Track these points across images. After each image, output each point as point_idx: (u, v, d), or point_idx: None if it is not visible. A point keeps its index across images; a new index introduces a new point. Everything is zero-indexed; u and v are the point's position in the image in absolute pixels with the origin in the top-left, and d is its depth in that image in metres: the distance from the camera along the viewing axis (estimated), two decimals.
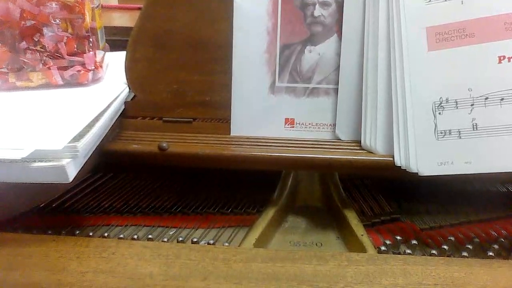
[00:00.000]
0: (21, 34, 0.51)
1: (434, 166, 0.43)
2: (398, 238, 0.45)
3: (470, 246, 0.44)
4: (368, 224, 0.48)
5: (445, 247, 0.44)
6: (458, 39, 0.43)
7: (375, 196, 0.54)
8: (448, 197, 0.53)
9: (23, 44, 0.51)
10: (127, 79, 0.50)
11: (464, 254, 0.42)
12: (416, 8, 0.44)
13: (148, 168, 0.57)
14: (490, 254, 0.42)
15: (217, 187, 0.55)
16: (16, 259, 0.38)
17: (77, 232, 0.46)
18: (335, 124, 0.48)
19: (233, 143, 0.48)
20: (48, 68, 0.52)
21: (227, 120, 0.49)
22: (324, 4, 0.47)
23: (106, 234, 0.46)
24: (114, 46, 0.64)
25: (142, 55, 0.49)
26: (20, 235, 0.43)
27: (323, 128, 0.49)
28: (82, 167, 0.40)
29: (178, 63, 0.49)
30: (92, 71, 0.54)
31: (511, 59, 0.42)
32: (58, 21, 0.52)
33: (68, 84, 0.54)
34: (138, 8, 1.00)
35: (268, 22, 0.48)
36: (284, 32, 0.48)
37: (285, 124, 0.49)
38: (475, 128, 0.43)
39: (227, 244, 0.45)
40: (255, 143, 0.47)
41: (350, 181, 0.56)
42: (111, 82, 0.55)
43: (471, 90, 0.43)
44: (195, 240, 0.45)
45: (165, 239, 0.46)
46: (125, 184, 0.56)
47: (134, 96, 0.51)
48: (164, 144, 0.46)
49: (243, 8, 0.48)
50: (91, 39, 0.54)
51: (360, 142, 0.47)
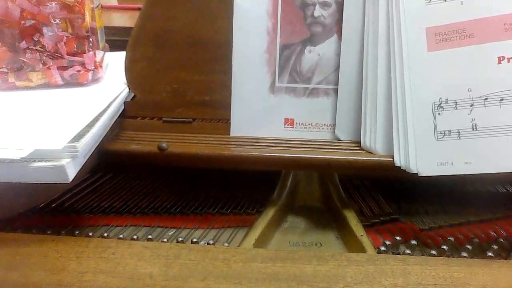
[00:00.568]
0: (21, 33, 0.51)
1: (434, 166, 0.43)
2: (398, 238, 0.45)
3: (469, 247, 0.44)
4: (368, 224, 0.48)
5: (444, 247, 0.44)
6: (458, 39, 0.43)
7: (375, 197, 0.54)
8: (448, 197, 0.53)
9: (23, 44, 0.51)
10: (127, 79, 0.50)
11: (464, 254, 0.42)
12: (416, 9, 0.44)
13: (148, 168, 0.57)
14: (490, 254, 0.42)
15: (216, 187, 0.55)
16: (16, 259, 0.38)
17: (76, 232, 0.46)
18: (334, 125, 0.48)
19: (232, 143, 0.48)
20: (48, 68, 0.52)
21: (227, 120, 0.49)
22: (324, 5, 0.48)
23: (105, 234, 0.46)
24: (114, 46, 0.64)
25: (142, 55, 0.49)
26: (19, 235, 0.43)
27: (322, 128, 0.49)
28: (82, 167, 0.40)
29: (178, 63, 0.49)
30: (92, 71, 0.54)
31: (511, 60, 0.42)
32: (58, 21, 0.52)
33: (67, 84, 0.54)
34: (138, 8, 0.99)
35: (268, 22, 0.48)
36: (284, 32, 0.48)
37: (284, 124, 0.49)
38: (474, 129, 0.43)
39: (226, 244, 0.45)
40: (254, 143, 0.47)
41: (349, 181, 0.56)
42: (110, 82, 0.55)
43: (471, 91, 0.43)
44: (194, 240, 0.45)
45: (164, 240, 0.45)
46: (124, 184, 0.56)
47: (134, 96, 0.51)
48: (163, 144, 0.46)
49: (243, 8, 0.48)
50: (91, 39, 0.54)
51: (359, 143, 0.47)
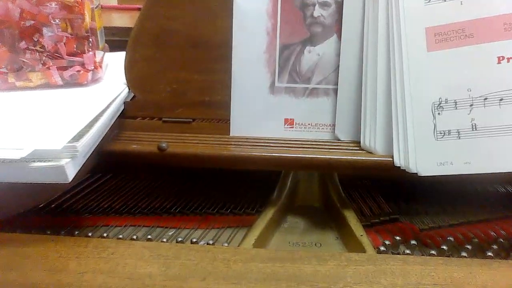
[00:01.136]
0: (20, 34, 0.51)
1: (434, 166, 0.43)
2: (397, 238, 0.45)
3: (469, 247, 0.44)
4: (367, 224, 0.48)
5: (444, 247, 0.44)
6: (457, 39, 0.43)
7: (374, 197, 0.54)
8: (447, 197, 0.53)
9: (23, 44, 0.51)
10: (126, 79, 0.50)
11: (463, 254, 0.42)
12: (416, 9, 0.44)
13: (148, 169, 0.57)
14: (489, 254, 0.42)
15: (216, 188, 0.55)
16: (15, 259, 0.37)
17: (76, 232, 0.46)
18: (334, 125, 0.48)
19: (232, 143, 0.48)
20: (48, 68, 0.52)
21: (226, 120, 0.49)
22: (324, 5, 0.48)
23: (105, 235, 0.46)
24: (114, 46, 0.64)
25: (142, 55, 0.49)
26: (19, 235, 0.43)
27: (322, 128, 0.49)
28: (82, 167, 0.40)
29: (178, 63, 0.49)
30: (91, 71, 0.54)
31: (510, 60, 0.42)
32: (57, 21, 0.52)
33: (67, 84, 0.54)
34: (138, 9, 1.00)
35: (267, 22, 0.48)
36: (283, 32, 0.48)
37: (284, 124, 0.49)
38: (474, 129, 0.43)
39: (226, 244, 0.45)
40: (254, 143, 0.47)
41: (349, 181, 0.56)
42: (110, 82, 0.55)
43: (470, 91, 0.43)
44: (194, 240, 0.45)
45: (164, 240, 0.45)
46: (124, 184, 0.56)
47: (134, 96, 0.51)
48: (163, 144, 0.46)
49: (242, 8, 0.48)
50: (90, 39, 0.54)
51: (359, 143, 0.47)
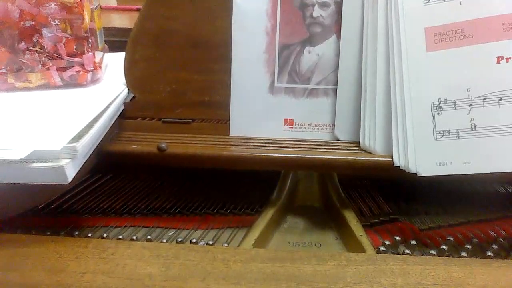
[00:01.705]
0: (20, 34, 0.51)
1: (433, 166, 0.43)
2: (397, 238, 0.45)
3: (469, 246, 0.44)
4: (367, 224, 0.48)
5: (444, 247, 0.44)
6: (456, 39, 0.43)
7: (374, 197, 0.54)
8: (447, 197, 0.53)
9: (22, 45, 0.51)
10: (126, 80, 0.50)
11: (463, 254, 0.42)
12: (415, 9, 0.44)
13: (147, 169, 0.57)
14: (489, 254, 0.42)
15: (216, 188, 0.55)
16: (15, 260, 0.37)
17: (76, 233, 0.46)
18: (334, 125, 0.48)
19: (232, 143, 0.48)
20: (47, 68, 0.52)
21: (226, 121, 0.49)
22: (323, 5, 0.48)
23: (105, 235, 0.46)
24: (113, 47, 0.64)
25: (141, 55, 0.49)
26: (18, 235, 0.43)
27: (322, 128, 0.49)
28: (81, 167, 0.40)
29: (177, 64, 0.49)
30: (91, 72, 0.54)
31: (509, 60, 0.42)
32: (57, 21, 0.52)
33: (67, 85, 0.54)
34: (137, 9, 1.00)
35: (267, 23, 0.48)
36: (283, 33, 0.48)
37: (284, 125, 0.49)
38: (473, 129, 0.43)
39: (226, 244, 0.45)
40: (254, 144, 0.47)
41: (349, 181, 0.56)
42: (110, 83, 0.55)
43: (470, 91, 0.43)
44: (194, 240, 0.45)
45: (164, 240, 0.45)
46: (124, 185, 0.56)
47: (133, 97, 0.51)
48: (163, 145, 0.46)
49: (242, 8, 0.48)
50: (90, 40, 0.54)
51: (359, 143, 0.47)
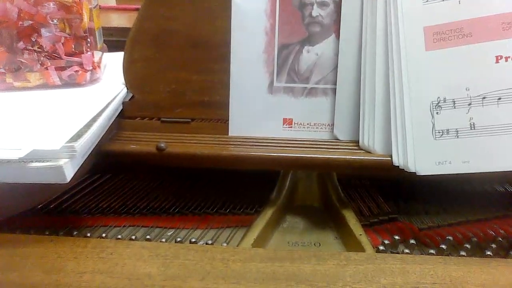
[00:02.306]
0: (18, 34, 0.51)
1: (432, 165, 0.43)
2: (397, 238, 0.45)
3: (468, 246, 0.44)
4: (367, 224, 0.48)
5: (443, 246, 0.44)
6: (455, 38, 0.43)
7: (373, 196, 0.54)
8: (446, 196, 0.53)
9: (21, 44, 0.51)
10: (125, 79, 0.50)
11: (462, 253, 0.42)
12: (414, 8, 0.44)
13: (147, 169, 0.57)
14: (488, 253, 0.42)
15: (215, 188, 0.55)
16: (14, 260, 0.37)
17: (75, 232, 0.46)
18: (333, 124, 0.48)
19: (231, 143, 0.48)
20: (46, 68, 0.52)
21: (225, 120, 0.49)
22: (322, 4, 0.48)
23: (104, 235, 0.46)
24: (112, 47, 0.63)
25: (140, 55, 0.49)
26: (17, 235, 0.43)
27: (321, 128, 0.49)
28: (80, 167, 0.40)
29: (177, 63, 0.49)
30: (90, 72, 0.54)
31: (508, 59, 0.42)
32: (55, 21, 0.52)
33: (66, 84, 0.54)
34: (136, 9, 1.00)
35: (266, 22, 0.48)
36: (282, 32, 0.48)
37: (283, 124, 0.49)
38: (472, 128, 0.43)
39: (225, 244, 0.45)
40: (253, 143, 0.47)
41: (348, 181, 0.56)
42: (109, 82, 0.55)
43: (469, 90, 0.43)
44: (193, 240, 0.45)
45: (163, 240, 0.45)
46: (123, 184, 0.56)
47: (132, 97, 0.51)
48: (162, 145, 0.46)
49: (241, 8, 0.48)
50: (88, 40, 0.54)
51: (358, 142, 0.47)
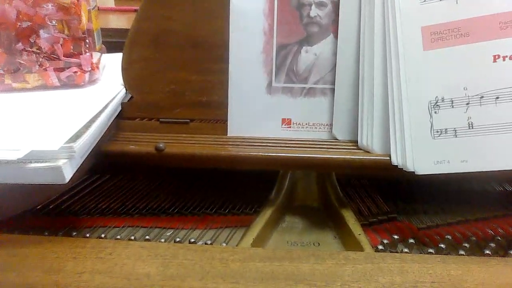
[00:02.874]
0: (17, 35, 0.51)
1: (431, 165, 0.43)
2: (395, 237, 0.45)
3: (467, 245, 0.44)
4: (366, 223, 0.48)
5: (442, 245, 0.44)
6: (453, 38, 0.44)
7: (372, 196, 0.54)
8: (445, 196, 0.53)
9: (19, 46, 0.51)
10: (123, 80, 0.50)
11: (461, 252, 0.43)
12: (411, 8, 0.44)
13: (145, 169, 0.57)
14: (487, 252, 0.43)
15: (214, 188, 0.55)
16: (13, 260, 0.37)
17: (74, 233, 0.46)
18: (332, 124, 0.48)
19: (230, 143, 0.48)
20: (45, 69, 0.52)
21: (224, 121, 0.49)
22: (320, 5, 0.48)
23: (103, 235, 0.46)
24: (111, 48, 0.64)
25: (139, 56, 0.49)
26: (16, 236, 0.43)
27: (320, 128, 0.49)
28: (79, 168, 0.40)
29: (175, 64, 0.49)
30: (88, 73, 0.54)
31: (506, 58, 0.43)
32: (54, 22, 0.52)
33: (64, 85, 0.54)
34: (135, 10, 1.00)
35: (264, 22, 0.48)
36: (280, 32, 0.48)
37: (282, 124, 0.49)
38: (470, 127, 0.43)
39: (224, 244, 0.45)
40: (252, 144, 0.47)
41: (347, 180, 0.56)
42: (107, 83, 0.55)
43: (467, 89, 0.43)
44: (192, 240, 0.45)
45: (162, 240, 0.45)
46: (122, 185, 0.56)
47: (131, 97, 0.51)
48: (161, 145, 0.46)
49: (239, 8, 0.48)
50: (87, 41, 0.54)
51: (357, 142, 0.47)
